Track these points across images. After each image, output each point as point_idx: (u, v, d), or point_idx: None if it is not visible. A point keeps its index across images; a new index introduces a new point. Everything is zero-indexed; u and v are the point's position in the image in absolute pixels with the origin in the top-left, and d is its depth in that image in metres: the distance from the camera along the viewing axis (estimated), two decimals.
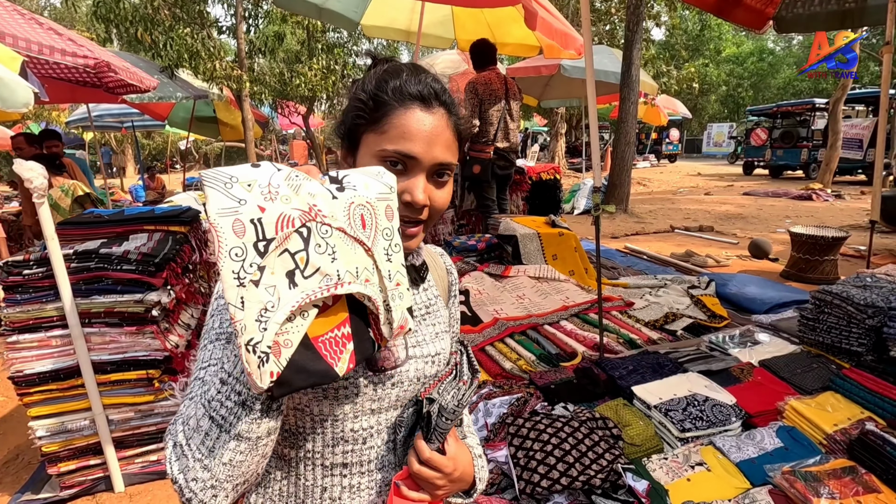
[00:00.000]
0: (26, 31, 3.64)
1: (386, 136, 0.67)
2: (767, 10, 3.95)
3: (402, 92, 0.68)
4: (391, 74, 0.69)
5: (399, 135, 0.67)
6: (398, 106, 0.67)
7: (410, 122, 0.67)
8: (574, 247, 4.12)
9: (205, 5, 8.48)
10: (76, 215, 2.45)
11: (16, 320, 1.88)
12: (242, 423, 0.57)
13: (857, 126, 12.75)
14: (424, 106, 0.68)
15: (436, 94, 0.69)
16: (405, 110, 0.67)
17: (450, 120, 0.70)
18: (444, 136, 0.69)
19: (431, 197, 0.70)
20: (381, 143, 0.67)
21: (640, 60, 8.28)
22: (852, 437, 1.81)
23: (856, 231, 6.10)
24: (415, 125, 0.67)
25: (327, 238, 0.55)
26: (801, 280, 4.35)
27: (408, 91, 0.68)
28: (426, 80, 0.69)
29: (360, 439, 0.72)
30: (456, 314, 0.90)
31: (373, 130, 0.69)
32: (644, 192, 12.59)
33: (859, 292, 2.32)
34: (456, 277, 0.91)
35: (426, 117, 0.67)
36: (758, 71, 29.45)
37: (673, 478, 1.74)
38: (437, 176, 0.71)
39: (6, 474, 2.29)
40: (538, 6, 3.52)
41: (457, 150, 0.73)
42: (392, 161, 0.67)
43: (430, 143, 0.67)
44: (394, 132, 0.67)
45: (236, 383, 0.57)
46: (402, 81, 0.68)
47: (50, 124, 13.29)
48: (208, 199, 0.49)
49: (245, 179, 0.50)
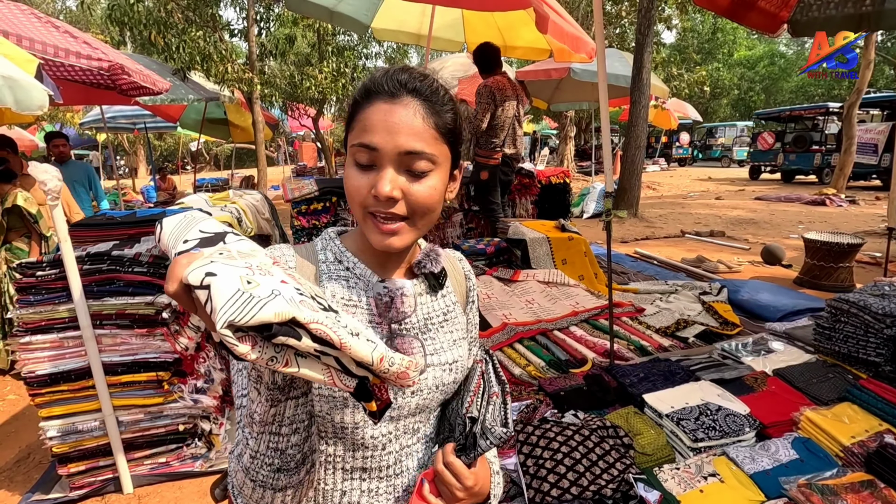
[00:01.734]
0: (42, 35, 3.70)
1: (353, 133, 0.68)
2: (782, 14, 3.91)
3: (366, 90, 0.68)
4: (367, 77, 0.71)
5: (362, 128, 0.66)
6: (364, 102, 0.68)
7: (372, 114, 0.66)
8: (584, 251, 4.09)
9: (217, 8, 8.58)
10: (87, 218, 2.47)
11: (29, 321, 1.89)
12: (282, 481, 0.60)
13: (872, 130, 12.57)
14: (388, 97, 0.66)
15: (402, 84, 0.67)
16: (369, 105, 0.67)
17: (423, 109, 0.67)
18: (409, 124, 0.65)
19: (406, 190, 0.66)
20: (350, 141, 0.68)
21: (650, 64, 8.23)
22: (870, 450, 1.77)
23: (871, 237, 6.00)
24: (375, 116, 0.66)
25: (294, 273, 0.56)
26: (815, 287, 4.28)
27: (372, 87, 0.68)
28: (393, 74, 0.68)
29: (379, 445, 0.73)
30: (474, 319, 0.89)
31: (349, 131, 0.70)
32: (654, 196, 12.50)
33: (877, 301, 2.27)
34: (474, 282, 0.89)
35: (389, 108, 0.66)
36: (769, 74, 29.19)
37: (685, 489, 1.71)
38: (411, 168, 0.66)
39: (17, 473, 2.31)
40: (549, 10, 3.50)
41: (436, 141, 0.68)
42: (361, 162, 0.67)
43: (392, 131, 0.65)
44: (358, 127, 0.67)
45: (264, 458, 0.58)
46: (369, 80, 0.69)
47: (64, 126, 13.48)
48: (284, 314, 0.43)
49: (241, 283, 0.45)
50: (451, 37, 5.46)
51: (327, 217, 4.28)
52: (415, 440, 0.77)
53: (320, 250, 0.77)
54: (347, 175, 0.69)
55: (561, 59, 5.05)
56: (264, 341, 0.43)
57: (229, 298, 0.43)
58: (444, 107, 0.69)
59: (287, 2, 4.37)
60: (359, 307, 0.73)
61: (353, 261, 0.75)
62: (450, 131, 0.70)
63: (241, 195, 3.85)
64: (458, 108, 0.73)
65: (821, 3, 3.81)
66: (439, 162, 0.69)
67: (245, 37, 9.17)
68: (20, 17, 3.77)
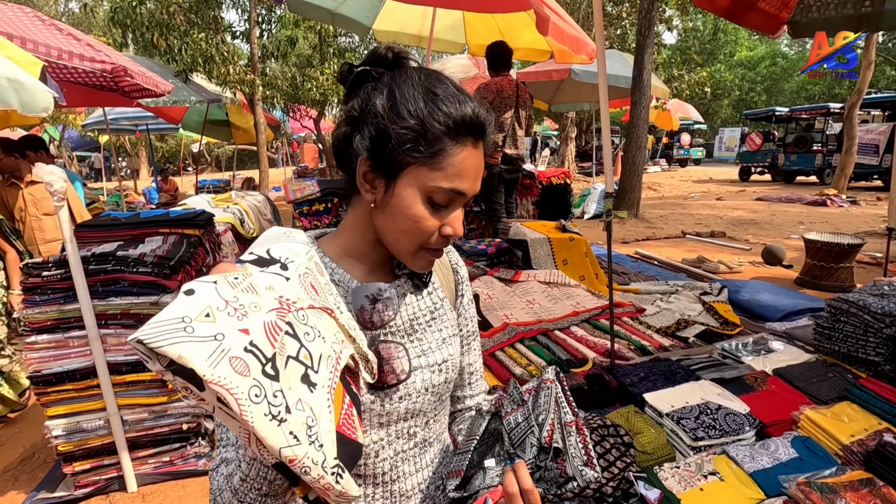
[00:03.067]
0: (46, 37, 3.73)
1: (442, 173, 0.63)
2: (782, 15, 3.92)
3: (456, 124, 0.63)
4: (441, 100, 0.63)
5: (456, 173, 0.64)
6: (453, 141, 0.63)
7: (467, 160, 0.65)
8: (585, 252, 4.10)
9: (219, 11, 8.61)
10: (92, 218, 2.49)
11: (34, 321, 1.91)
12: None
13: (874, 131, 12.57)
14: (475, 140, 0.66)
15: (482, 128, 0.66)
16: (461, 148, 0.64)
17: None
18: (482, 171, 0.68)
19: None
20: (436, 180, 0.64)
21: (651, 65, 8.25)
22: (870, 449, 1.78)
23: (872, 238, 6.00)
24: (468, 162, 0.65)
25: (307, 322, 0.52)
26: (815, 287, 4.29)
27: (462, 123, 0.63)
28: (476, 110, 0.65)
29: (371, 453, 0.71)
30: (467, 313, 0.86)
31: (425, 165, 0.63)
32: (655, 196, 12.51)
33: (876, 301, 2.28)
34: (464, 275, 0.86)
35: (477, 154, 0.66)
36: (771, 75, 29.19)
37: (685, 487, 1.72)
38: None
39: (22, 472, 2.33)
40: (550, 11, 3.51)
41: None
42: (440, 202, 0.66)
43: (477, 178, 0.67)
44: (451, 170, 0.64)
45: (254, 482, 0.57)
46: (455, 111, 0.63)
47: (67, 128, 13.53)
48: (190, 355, 0.40)
49: (197, 312, 0.43)
50: (451, 38, 5.48)
51: (329, 218, 4.30)
52: (411, 444, 0.75)
53: None
54: (417, 213, 0.65)
55: (562, 61, 5.06)
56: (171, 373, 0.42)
57: (166, 318, 0.42)
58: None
59: (289, 4, 4.40)
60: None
61: (331, 266, 0.72)
62: None
63: (244, 196, 3.88)
64: None
65: (820, 4, 3.82)
66: None
67: (247, 38, 9.21)
68: (24, 19, 3.80)
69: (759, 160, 16.68)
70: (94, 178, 21.71)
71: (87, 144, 17.02)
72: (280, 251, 0.55)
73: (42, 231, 3.57)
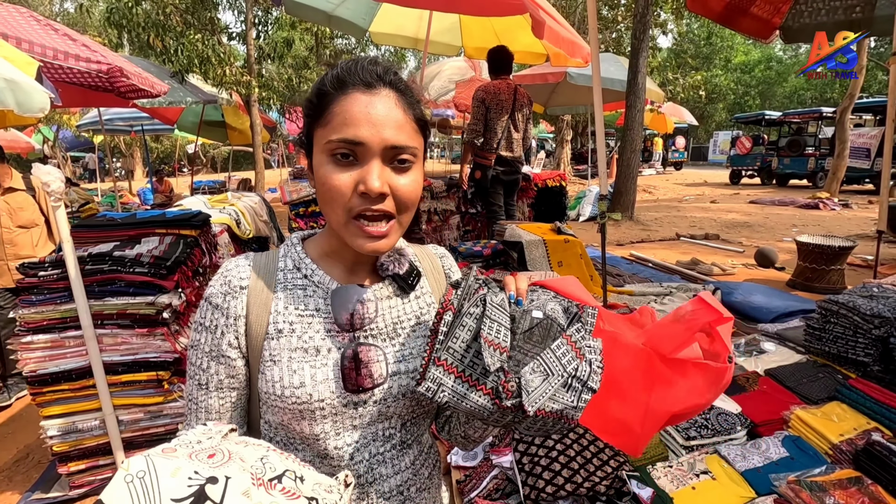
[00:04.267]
0: (42, 37, 3.72)
1: (330, 126, 0.63)
2: (774, 20, 3.97)
3: (339, 79, 0.64)
4: (333, 68, 0.67)
5: (342, 122, 0.62)
6: (338, 93, 0.63)
7: (352, 106, 0.62)
8: (579, 254, 4.12)
9: (216, 12, 8.60)
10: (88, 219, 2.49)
11: (30, 321, 1.91)
12: None
13: (865, 135, 12.69)
14: (366, 89, 0.63)
15: (378, 76, 0.64)
16: (345, 96, 0.63)
17: (401, 101, 0.65)
18: (393, 117, 0.63)
19: (393, 185, 0.64)
20: (327, 136, 0.63)
21: (646, 68, 8.31)
22: (858, 448, 1.81)
23: (863, 241, 6.07)
24: (357, 108, 0.62)
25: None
26: (807, 289, 4.34)
27: (346, 78, 0.64)
28: (366, 65, 0.65)
29: (345, 455, 0.70)
30: None
31: (319, 125, 0.65)
32: (650, 199, 12.58)
33: (866, 302, 2.32)
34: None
35: (369, 99, 0.63)
36: (765, 79, 29.43)
37: (678, 486, 1.74)
38: (396, 162, 0.64)
39: (16, 473, 2.32)
40: (546, 15, 3.54)
41: (415, 134, 0.67)
42: (342, 153, 0.63)
43: (377, 125, 0.62)
44: (336, 120, 0.63)
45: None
46: (340, 70, 0.65)
47: (61, 128, 13.45)
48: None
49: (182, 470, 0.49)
50: (448, 41, 5.51)
51: (325, 219, 4.31)
52: (388, 447, 0.73)
53: (281, 257, 0.74)
54: (324, 174, 0.64)
55: (557, 64, 5.10)
56: None
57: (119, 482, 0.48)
58: (416, 98, 0.68)
59: (286, 5, 4.41)
60: (315, 317, 0.70)
61: (311, 268, 0.72)
62: (423, 124, 0.69)
63: (240, 197, 3.88)
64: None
65: (812, 10, 3.88)
66: (418, 155, 0.67)
67: (243, 40, 9.21)
68: (19, 19, 3.79)
69: (748, 164, 16.82)
70: (88, 179, 21.60)
71: (81, 145, 16.93)
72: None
73: (14, 245, 3.08)
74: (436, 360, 0.59)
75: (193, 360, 0.71)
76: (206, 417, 0.71)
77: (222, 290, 0.70)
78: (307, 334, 0.69)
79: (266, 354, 0.68)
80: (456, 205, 5.05)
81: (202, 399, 0.71)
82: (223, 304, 0.69)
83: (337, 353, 0.69)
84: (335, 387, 0.67)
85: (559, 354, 0.60)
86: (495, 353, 0.58)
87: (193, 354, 0.71)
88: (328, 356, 0.69)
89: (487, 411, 0.59)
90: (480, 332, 0.58)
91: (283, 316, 0.69)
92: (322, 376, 0.67)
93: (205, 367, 0.70)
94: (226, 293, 0.69)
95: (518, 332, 0.61)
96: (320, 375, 0.67)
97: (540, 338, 0.61)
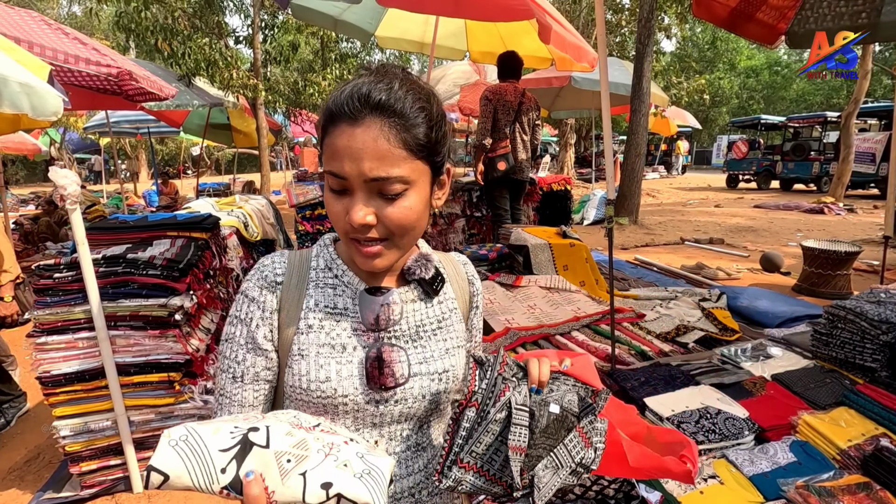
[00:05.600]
0: (53, 41, 3.76)
1: (325, 157, 0.66)
2: (779, 25, 3.98)
3: (330, 112, 0.64)
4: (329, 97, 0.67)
5: (330, 155, 0.64)
6: (329, 125, 0.64)
7: (337, 140, 0.63)
8: (585, 257, 4.13)
9: (223, 16, 8.67)
10: (101, 221, 2.51)
11: (45, 322, 1.93)
12: None
13: (870, 140, 12.67)
14: (351, 121, 0.62)
15: (364, 103, 0.62)
16: (335, 129, 0.64)
17: (388, 127, 0.62)
18: (374, 149, 0.61)
19: (380, 214, 0.65)
20: (325, 165, 0.66)
21: (650, 73, 8.33)
22: (867, 453, 1.81)
23: (869, 246, 6.05)
24: (339, 143, 0.63)
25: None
26: (813, 294, 4.33)
27: (334, 110, 0.64)
28: (354, 92, 0.63)
29: None
30: (478, 324, 0.89)
31: (323, 153, 0.67)
32: (654, 203, 12.57)
33: (873, 308, 2.32)
34: (479, 287, 0.88)
35: (352, 131, 0.62)
36: (771, 83, 29.41)
37: (686, 490, 1.75)
38: (383, 192, 0.64)
39: (28, 472, 2.34)
40: (552, 20, 3.57)
41: (406, 159, 0.63)
42: (334, 188, 0.66)
43: (356, 158, 0.62)
44: (327, 153, 0.65)
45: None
46: (331, 101, 0.65)
47: (68, 130, 13.55)
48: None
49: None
50: (453, 45, 5.53)
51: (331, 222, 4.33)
52: (404, 447, 0.75)
53: (314, 257, 0.77)
54: (326, 200, 0.69)
55: (563, 68, 5.13)
56: None
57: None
58: (414, 120, 0.64)
59: (293, 10, 4.44)
60: (344, 315, 0.73)
61: (342, 268, 0.75)
62: (423, 146, 0.65)
63: (247, 200, 3.90)
64: (434, 113, 0.66)
65: (818, 16, 3.89)
66: (413, 179, 0.65)
67: (250, 44, 9.27)
68: (31, 23, 3.84)
69: (745, 168, 16.79)
70: (93, 181, 21.73)
71: (87, 147, 17.05)
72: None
73: None
74: (458, 460, 0.63)
75: (227, 353, 0.73)
76: (239, 412, 0.73)
77: (259, 284, 0.73)
78: (335, 331, 0.72)
79: (294, 349, 0.71)
80: (461, 208, 5.07)
81: (236, 392, 0.72)
82: (259, 298, 0.72)
83: (362, 352, 0.71)
84: (359, 384, 0.70)
85: (570, 447, 0.63)
86: (518, 457, 0.61)
87: (227, 348, 0.73)
88: (353, 354, 0.71)
89: (499, 496, 0.65)
90: (508, 440, 0.61)
91: (313, 313, 0.72)
92: (347, 372, 0.70)
93: (240, 360, 0.72)
94: (262, 287, 0.72)
95: (536, 431, 0.64)
96: (345, 372, 0.70)
97: (555, 430, 0.65)
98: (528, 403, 0.65)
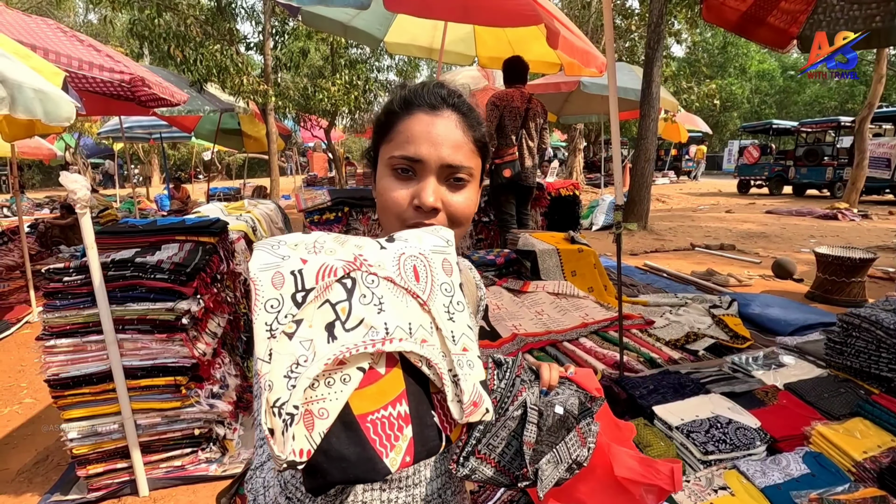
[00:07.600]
0: (68, 48, 3.83)
1: (393, 143, 0.69)
2: (791, 30, 3.94)
3: (406, 100, 0.70)
4: (401, 89, 0.73)
5: (404, 140, 0.68)
6: (404, 114, 0.69)
7: (414, 125, 0.68)
8: (593, 263, 4.10)
9: (234, 23, 8.78)
10: (111, 225, 2.54)
11: (54, 325, 1.95)
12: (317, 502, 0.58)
13: (885, 145, 12.48)
14: (430, 109, 0.69)
15: (442, 99, 0.70)
16: (410, 116, 0.69)
17: (462, 123, 0.70)
18: (451, 138, 0.68)
19: (446, 201, 0.69)
20: (390, 151, 0.69)
21: (660, 78, 8.28)
22: (883, 466, 1.76)
23: (884, 252, 5.94)
24: (418, 128, 0.68)
25: (374, 288, 0.49)
26: (826, 302, 4.26)
27: (412, 99, 0.70)
28: (432, 88, 0.71)
29: None
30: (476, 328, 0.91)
31: (385, 142, 0.71)
32: (663, 208, 12.48)
33: (889, 316, 2.27)
34: (485, 292, 0.91)
35: (432, 120, 0.68)
36: (784, 87, 29.11)
37: (696, 501, 1.71)
38: (452, 180, 0.70)
39: (36, 475, 2.36)
40: (560, 25, 3.56)
41: (473, 155, 0.72)
42: (402, 168, 0.68)
43: (435, 143, 0.67)
44: (399, 138, 0.69)
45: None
46: (408, 92, 0.71)
47: (83, 135, 13.78)
48: (252, 258, 0.48)
49: (293, 241, 0.50)
50: (462, 50, 5.55)
51: (339, 227, 4.35)
52: None
53: None
54: (385, 186, 0.70)
55: (571, 73, 5.11)
56: None
57: (280, 238, 0.52)
58: (479, 122, 0.73)
59: (303, 16, 4.48)
60: None
61: None
62: (483, 146, 0.73)
63: (256, 205, 3.93)
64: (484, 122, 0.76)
65: (830, 20, 3.84)
66: (475, 174, 0.72)
67: (260, 50, 9.37)
68: (47, 31, 3.91)
69: (756, 173, 16.61)
70: (106, 185, 22.07)
71: (101, 151, 17.34)
72: (405, 234, 0.58)
73: None
74: (476, 451, 0.67)
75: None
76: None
77: None
78: None
79: None
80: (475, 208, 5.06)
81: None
82: None
83: None
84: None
85: (570, 446, 0.70)
86: (529, 452, 0.68)
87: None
88: None
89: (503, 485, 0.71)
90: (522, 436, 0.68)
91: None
92: None
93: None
94: None
95: (543, 429, 0.70)
96: None
97: (557, 429, 0.71)
98: (538, 404, 0.70)
